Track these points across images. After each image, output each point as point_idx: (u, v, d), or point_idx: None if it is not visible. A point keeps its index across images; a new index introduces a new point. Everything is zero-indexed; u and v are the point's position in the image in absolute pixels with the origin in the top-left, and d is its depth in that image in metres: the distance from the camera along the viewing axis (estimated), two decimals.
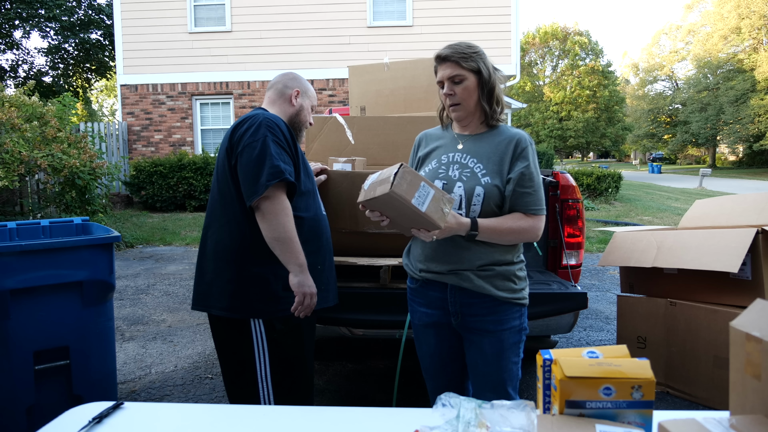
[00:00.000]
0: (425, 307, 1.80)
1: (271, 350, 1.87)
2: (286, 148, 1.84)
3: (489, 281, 1.68)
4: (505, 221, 1.65)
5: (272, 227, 1.78)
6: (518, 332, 1.74)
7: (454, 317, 1.74)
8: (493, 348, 1.71)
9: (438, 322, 1.78)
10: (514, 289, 1.72)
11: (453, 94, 1.69)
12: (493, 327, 1.70)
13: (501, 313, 1.70)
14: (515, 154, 1.68)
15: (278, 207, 1.78)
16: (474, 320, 1.72)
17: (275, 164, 1.76)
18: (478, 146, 1.72)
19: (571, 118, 41.57)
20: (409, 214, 1.48)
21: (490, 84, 1.69)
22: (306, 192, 1.95)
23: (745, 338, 0.94)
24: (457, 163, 1.71)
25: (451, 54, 1.67)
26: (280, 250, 1.80)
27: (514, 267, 1.73)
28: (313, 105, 2.09)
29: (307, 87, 2.08)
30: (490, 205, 1.65)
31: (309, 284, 1.84)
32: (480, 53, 1.69)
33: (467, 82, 1.67)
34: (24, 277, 2.28)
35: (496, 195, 1.65)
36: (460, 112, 1.71)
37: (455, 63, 1.66)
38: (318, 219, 1.99)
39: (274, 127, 1.83)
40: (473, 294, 1.69)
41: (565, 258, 2.87)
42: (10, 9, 18.09)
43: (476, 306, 1.71)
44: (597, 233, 8.42)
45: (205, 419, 1.33)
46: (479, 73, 1.67)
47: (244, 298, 1.85)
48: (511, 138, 1.71)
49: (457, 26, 12.18)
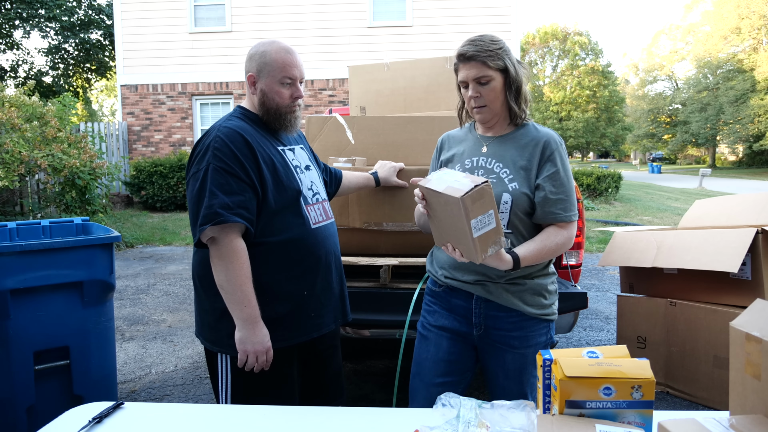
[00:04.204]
0: (446, 312, 1.68)
1: (233, 386, 1.69)
2: (235, 172, 1.57)
3: (519, 296, 1.58)
4: (544, 244, 1.54)
5: (216, 272, 1.57)
6: (544, 347, 1.64)
7: (477, 328, 1.64)
8: (515, 364, 1.62)
9: (458, 330, 1.66)
10: (544, 304, 1.62)
11: (479, 96, 1.56)
12: (519, 343, 1.61)
13: (528, 329, 1.61)
14: (543, 157, 1.57)
15: (221, 251, 1.55)
16: (498, 334, 1.62)
17: (211, 203, 1.53)
18: (503, 149, 1.61)
19: (571, 118, 41.57)
20: (457, 228, 1.36)
21: (517, 82, 1.58)
22: (283, 209, 1.66)
23: (745, 338, 0.94)
24: (482, 168, 1.61)
25: (477, 53, 1.53)
26: (224, 299, 1.58)
27: (547, 280, 1.63)
28: (285, 74, 1.68)
29: (264, 62, 1.67)
30: (517, 213, 1.56)
31: (255, 341, 1.58)
32: (505, 48, 1.57)
33: (494, 83, 1.55)
34: (24, 277, 2.27)
35: (525, 202, 1.55)
36: (486, 114, 1.60)
37: (482, 63, 1.53)
38: (303, 238, 1.69)
39: (221, 148, 1.57)
40: (500, 307, 1.59)
41: (565, 258, 2.87)
42: (10, 9, 18.09)
43: (502, 320, 1.60)
44: (597, 233, 8.41)
45: (205, 419, 1.33)
46: (506, 71, 1.56)
47: (215, 331, 1.69)
48: (538, 139, 1.59)
49: (457, 26, 12.18)
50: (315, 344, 1.79)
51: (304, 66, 1.76)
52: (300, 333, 1.71)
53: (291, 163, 1.75)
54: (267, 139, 1.72)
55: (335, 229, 1.87)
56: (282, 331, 1.67)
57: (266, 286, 1.64)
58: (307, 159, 1.86)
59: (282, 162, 1.71)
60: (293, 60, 1.70)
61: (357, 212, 2.43)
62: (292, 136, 1.84)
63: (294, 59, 1.70)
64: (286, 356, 1.70)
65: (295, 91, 1.71)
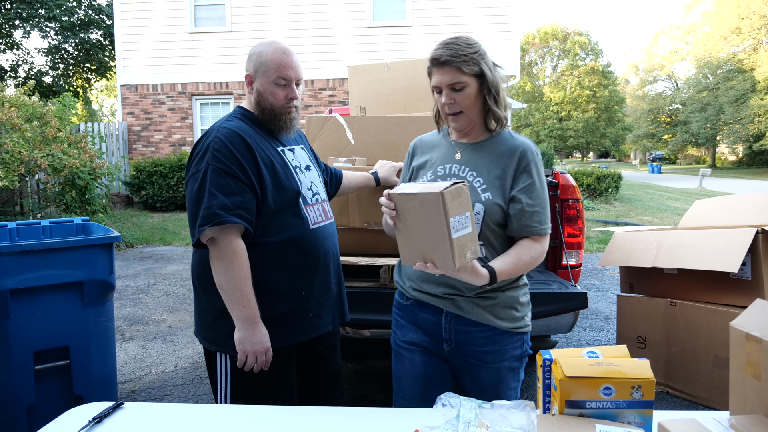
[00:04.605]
0: (414, 326, 1.62)
1: (232, 386, 1.70)
2: (234, 172, 1.58)
3: (490, 310, 1.52)
4: (520, 257, 1.48)
5: (215, 272, 1.58)
6: (518, 359, 1.58)
7: (447, 344, 1.57)
8: (490, 379, 1.56)
9: (427, 345, 1.60)
10: (517, 317, 1.56)
11: (453, 103, 1.50)
12: (492, 359, 1.55)
13: (500, 344, 1.55)
14: (519, 168, 1.52)
15: (221, 251, 1.56)
16: (470, 349, 1.55)
17: (210, 204, 1.54)
18: (477, 157, 1.55)
19: (571, 118, 41.57)
20: (432, 233, 1.26)
21: (494, 87, 1.51)
22: (282, 209, 1.67)
23: (745, 338, 0.94)
24: (455, 176, 1.55)
25: (452, 57, 1.46)
26: (223, 299, 1.59)
27: (519, 292, 1.58)
28: (279, 75, 1.66)
29: (260, 62, 1.67)
30: (489, 225, 1.50)
31: (254, 341, 1.59)
32: (480, 51, 1.50)
33: (469, 89, 1.48)
34: (24, 277, 2.28)
35: (498, 213, 1.50)
36: (462, 121, 1.54)
37: (456, 68, 1.46)
38: (302, 238, 1.69)
39: (220, 149, 1.58)
40: (471, 322, 1.53)
41: (565, 258, 2.87)
42: (10, 9, 18.09)
43: (473, 335, 1.54)
44: (597, 233, 8.41)
45: (205, 419, 1.33)
46: (482, 77, 1.49)
47: (214, 330, 1.70)
48: (514, 149, 1.53)
49: (457, 26, 12.17)
50: (314, 344, 1.79)
51: (302, 67, 1.74)
52: (298, 333, 1.71)
53: (290, 163, 1.75)
54: (266, 140, 1.71)
55: (335, 229, 1.87)
56: (280, 331, 1.68)
57: (265, 286, 1.65)
58: (307, 159, 1.86)
59: (281, 162, 1.70)
60: (289, 61, 1.68)
61: (357, 212, 2.43)
62: (291, 137, 1.83)
63: (290, 60, 1.68)
64: (284, 356, 1.71)
65: (289, 92, 1.70)
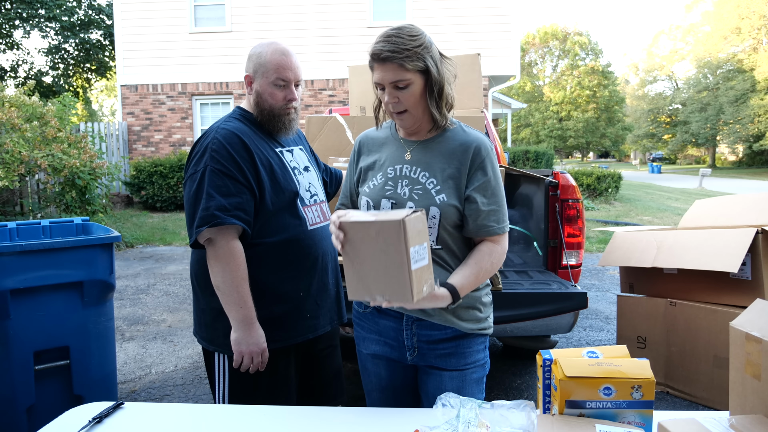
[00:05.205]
0: (376, 336, 1.56)
1: (231, 384, 1.70)
2: (232, 173, 1.58)
3: (452, 311, 1.45)
4: (480, 266, 1.42)
5: (212, 273, 1.59)
6: (482, 367, 1.54)
7: (410, 352, 1.50)
8: (453, 384, 1.50)
9: (390, 356, 1.55)
10: (480, 318, 1.51)
11: (398, 102, 1.40)
12: (455, 362, 1.49)
13: (464, 346, 1.49)
14: (473, 165, 1.43)
15: (218, 252, 1.56)
16: (433, 354, 1.50)
17: (208, 205, 1.54)
18: (428, 156, 1.46)
19: (571, 118, 41.56)
20: (387, 265, 1.17)
21: (439, 83, 1.40)
22: (280, 210, 1.67)
23: (745, 338, 0.94)
24: (407, 177, 1.46)
25: (393, 53, 1.34)
26: (220, 300, 1.60)
27: (480, 292, 1.51)
28: (279, 76, 1.65)
29: (259, 63, 1.67)
30: (446, 227, 1.43)
31: (250, 342, 1.59)
32: (426, 44, 1.38)
33: (413, 87, 1.38)
34: (24, 277, 2.28)
35: (454, 215, 1.43)
36: (407, 120, 1.44)
37: (398, 65, 1.35)
38: (299, 239, 1.69)
39: (219, 150, 1.58)
40: (434, 326, 1.47)
41: (565, 258, 2.87)
42: (10, 9, 18.09)
43: (436, 339, 1.48)
44: (597, 233, 8.42)
45: (205, 419, 1.33)
46: (427, 72, 1.38)
47: (212, 330, 1.71)
48: (467, 145, 1.45)
49: (457, 26, 12.19)
50: (312, 345, 1.80)
51: (301, 68, 1.73)
52: (296, 334, 1.71)
53: (289, 164, 1.75)
54: (265, 141, 1.72)
55: None
56: (278, 332, 1.68)
57: (263, 286, 1.65)
58: (306, 160, 1.85)
59: (279, 164, 1.71)
60: (288, 62, 1.67)
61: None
62: (290, 137, 1.82)
63: (289, 61, 1.67)
64: (282, 356, 1.71)
65: (288, 94, 1.69)
